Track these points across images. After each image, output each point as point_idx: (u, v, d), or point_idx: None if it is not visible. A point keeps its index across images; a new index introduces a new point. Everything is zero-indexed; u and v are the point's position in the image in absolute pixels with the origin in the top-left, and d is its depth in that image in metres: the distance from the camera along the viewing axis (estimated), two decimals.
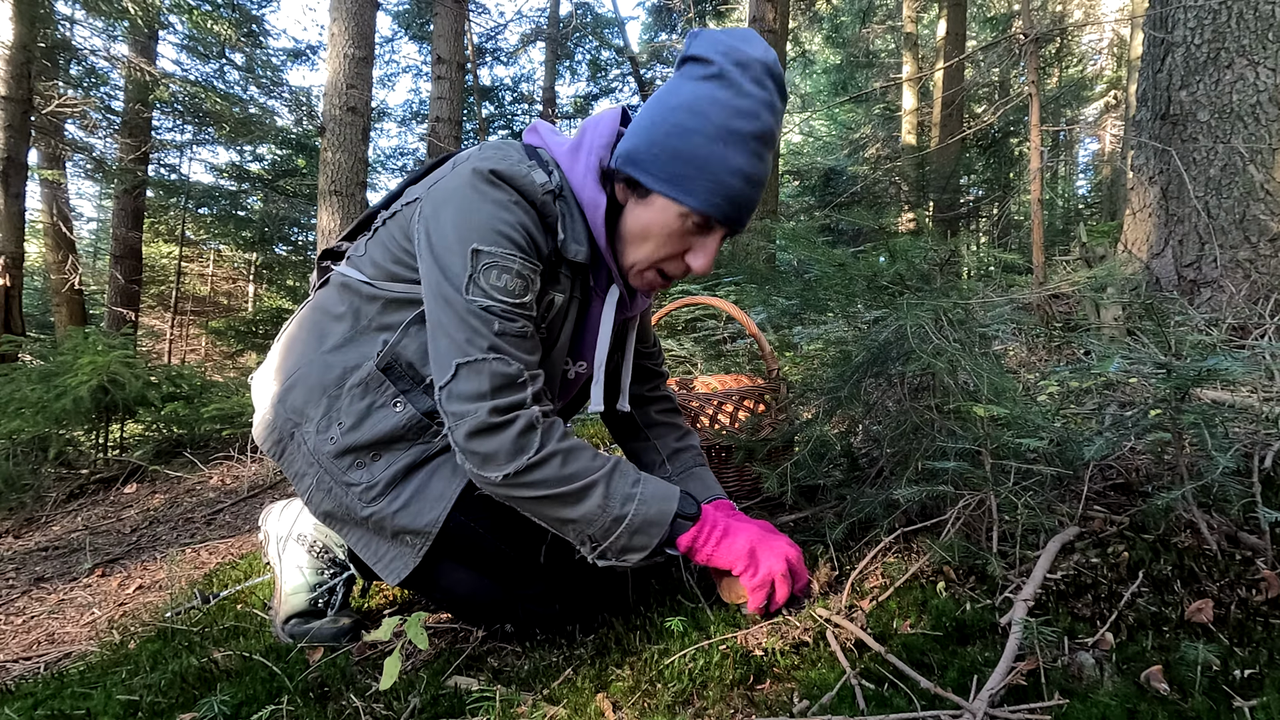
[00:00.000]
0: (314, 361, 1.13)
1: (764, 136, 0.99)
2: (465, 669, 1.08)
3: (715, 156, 0.97)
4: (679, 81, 1.01)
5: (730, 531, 1.06)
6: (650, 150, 0.99)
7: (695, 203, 0.99)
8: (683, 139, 0.97)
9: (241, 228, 11.03)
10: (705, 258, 1.05)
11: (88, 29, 8.12)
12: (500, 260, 0.97)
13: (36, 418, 3.15)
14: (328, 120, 4.58)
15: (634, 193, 1.04)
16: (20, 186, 5.71)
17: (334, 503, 1.08)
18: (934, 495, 1.12)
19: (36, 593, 2.07)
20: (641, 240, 1.05)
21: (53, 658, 1.53)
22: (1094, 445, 1.00)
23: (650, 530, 1.01)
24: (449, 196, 1.01)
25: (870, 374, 1.34)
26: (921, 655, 0.87)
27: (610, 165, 1.04)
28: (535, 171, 1.03)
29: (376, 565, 1.09)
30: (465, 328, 0.97)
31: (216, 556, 2.13)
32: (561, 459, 0.98)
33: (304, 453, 1.10)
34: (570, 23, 12.48)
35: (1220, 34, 2.43)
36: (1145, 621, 0.86)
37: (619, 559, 1.01)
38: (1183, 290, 2.45)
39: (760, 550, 1.04)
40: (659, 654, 0.99)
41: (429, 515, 1.05)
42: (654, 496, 1.02)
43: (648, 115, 1.02)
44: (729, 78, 0.96)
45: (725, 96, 0.96)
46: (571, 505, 0.98)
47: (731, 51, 0.97)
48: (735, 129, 0.97)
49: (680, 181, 0.98)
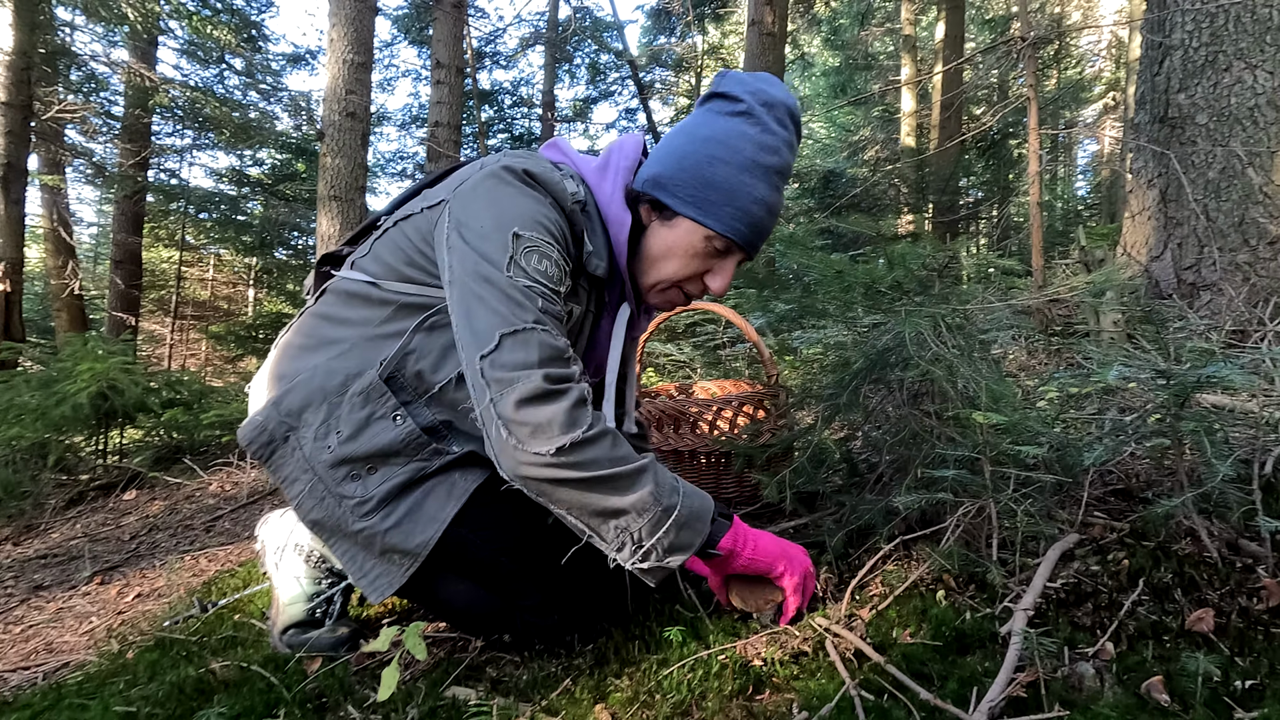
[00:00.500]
0: (316, 367, 1.11)
1: (783, 170, 1.08)
2: (464, 679, 1.07)
3: (741, 186, 1.04)
4: (708, 115, 1.08)
5: (758, 533, 1.06)
6: (680, 176, 1.05)
7: (720, 227, 1.05)
8: (712, 167, 1.04)
9: (241, 232, 11.05)
10: (723, 279, 1.11)
11: (88, 34, 8.15)
12: (540, 245, 0.99)
13: (36, 424, 3.15)
14: (327, 125, 4.59)
15: (659, 215, 1.09)
16: (20, 192, 5.72)
17: (324, 512, 1.07)
18: (933, 502, 1.12)
19: (35, 601, 2.07)
20: (665, 260, 1.10)
21: (51, 667, 1.53)
22: (1094, 451, 1.00)
23: (696, 525, 0.97)
24: (483, 192, 1.02)
25: (869, 380, 1.33)
26: (921, 665, 0.87)
27: (636, 188, 1.09)
28: (566, 180, 1.06)
29: (360, 581, 1.07)
30: (509, 301, 0.94)
31: (216, 564, 2.13)
32: (613, 439, 0.93)
33: (298, 458, 1.09)
34: (569, 26, 12.50)
35: (1218, 37, 2.43)
36: (1146, 631, 0.86)
37: (664, 559, 0.94)
38: (1182, 293, 2.45)
39: (789, 549, 1.06)
40: (658, 664, 0.99)
41: (420, 537, 1.04)
42: (692, 491, 1.00)
43: (676, 144, 1.08)
44: (756, 116, 1.05)
45: (753, 133, 1.05)
46: (623, 491, 0.91)
47: (759, 93, 1.06)
48: (760, 162, 1.05)
49: (707, 206, 1.05)
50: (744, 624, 1.06)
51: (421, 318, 1.07)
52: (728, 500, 1.70)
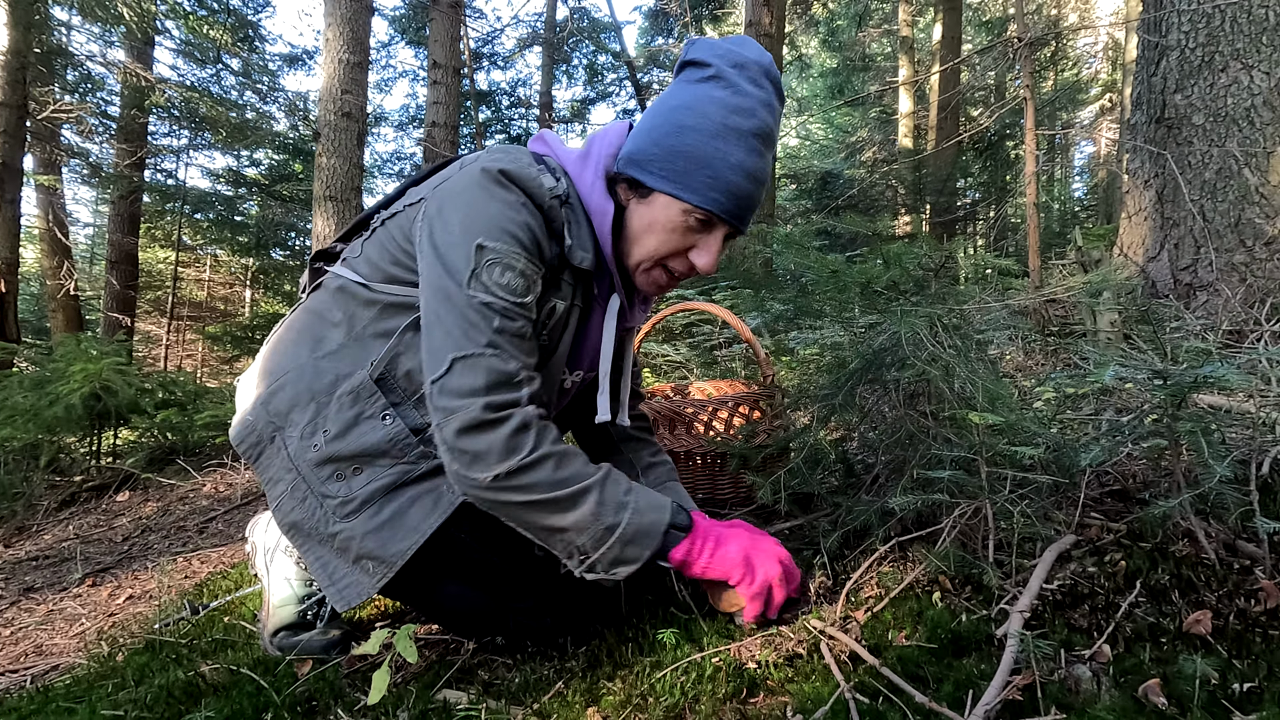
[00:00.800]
0: (305, 366, 1.10)
1: (762, 134, 1.01)
2: (455, 682, 1.06)
3: (715, 152, 0.99)
4: (678, 85, 1.04)
5: (722, 540, 1.04)
6: (651, 150, 1.02)
7: (696, 199, 1.00)
8: (681, 136, 0.99)
9: (238, 233, 11.03)
10: (709, 256, 1.06)
11: (84, 34, 8.12)
12: (504, 257, 0.97)
13: (28, 425, 3.13)
14: (323, 126, 4.57)
15: (636, 193, 1.05)
16: (15, 192, 5.70)
17: (305, 513, 1.05)
18: (929, 504, 1.11)
19: (25, 603, 2.05)
20: (645, 237, 1.06)
21: (39, 670, 1.51)
22: (1090, 452, 0.99)
23: (643, 541, 0.98)
24: (456, 194, 1.01)
25: (865, 381, 1.33)
26: (917, 668, 0.86)
27: (614, 170, 1.06)
28: (544, 175, 1.03)
29: (329, 588, 1.04)
30: (463, 322, 0.95)
31: (208, 566, 2.11)
32: (555, 462, 0.95)
33: (283, 458, 1.08)
34: (567, 27, 12.49)
35: (1214, 38, 2.43)
36: (1143, 633, 0.85)
37: (608, 572, 0.98)
38: (1179, 294, 2.45)
39: (754, 556, 1.03)
40: (651, 667, 0.98)
41: (398, 545, 1.01)
42: (647, 506, 1.00)
43: (648, 119, 1.05)
44: (726, 78, 0.99)
45: (723, 95, 0.99)
46: (563, 512, 0.95)
47: (728, 54, 1.00)
48: (733, 125, 0.99)
49: (680, 178, 1.00)
50: (738, 626, 1.05)
51: (411, 318, 1.06)
52: (723, 501, 1.69)
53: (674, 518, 1.02)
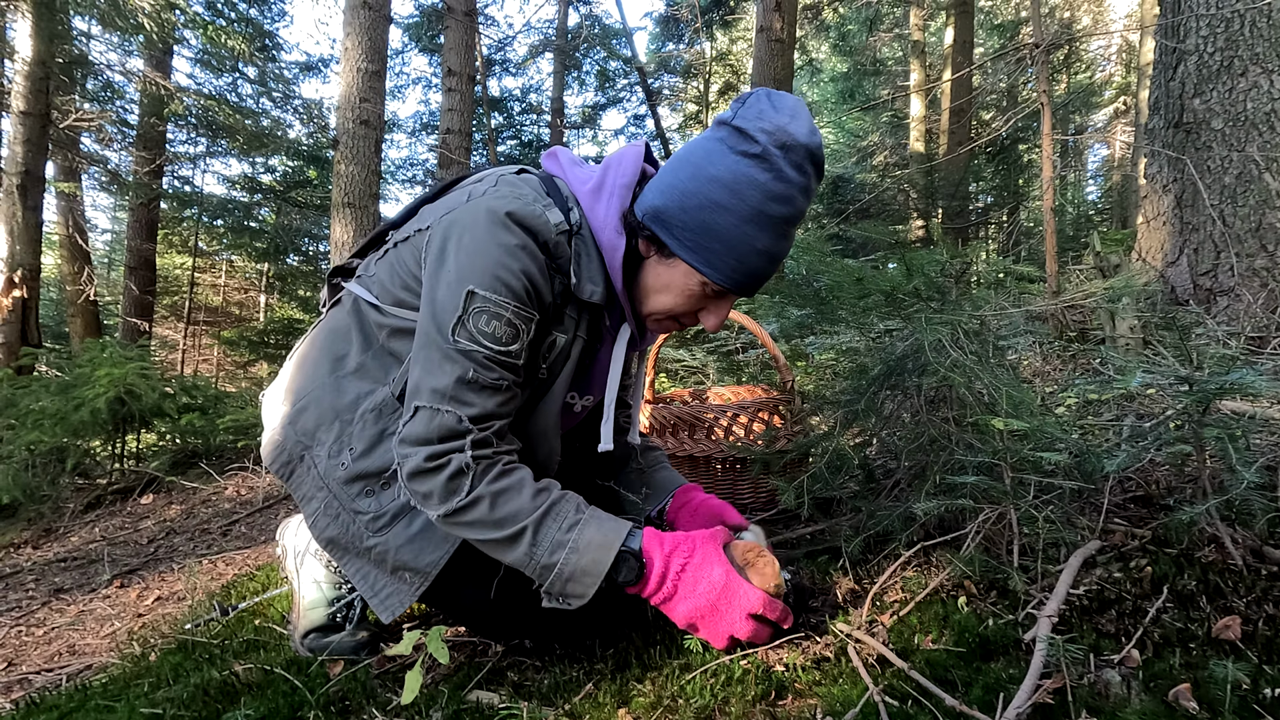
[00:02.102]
0: (327, 385, 1.14)
1: (793, 218, 1.01)
2: (486, 683, 1.08)
3: (744, 237, 0.99)
4: (718, 148, 0.99)
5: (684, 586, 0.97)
6: (681, 216, 1.00)
7: (718, 277, 1.02)
8: (714, 214, 0.98)
9: (254, 239, 11.15)
10: (717, 319, 1.10)
11: (104, 44, 8.25)
12: (493, 306, 0.98)
13: (55, 429, 3.18)
14: (341, 133, 4.63)
15: (658, 251, 1.05)
16: (38, 199, 5.79)
17: (340, 529, 1.09)
18: (953, 509, 1.12)
19: (56, 604, 2.09)
20: (661, 295, 1.08)
21: (74, 669, 1.55)
22: (1116, 458, 1.00)
23: (584, 579, 0.97)
24: (458, 232, 1.01)
25: (886, 386, 1.34)
26: (945, 671, 0.87)
27: (636, 216, 1.05)
28: (550, 211, 1.03)
29: (372, 599, 1.08)
30: (438, 371, 0.98)
31: (233, 568, 2.14)
32: (490, 502, 0.97)
33: (313, 476, 1.12)
34: (578, 34, 12.57)
35: (1234, 42, 2.42)
36: (1171, 638, 0.86)
37: (561, 602, 0.99)
38: (1199, 299, 2.44)
39: (721, 605, 0.96)
40: (679, 669, 0.99)
41: (431, 555, 1.05)
42: (588, 545, 0.97)
43: (681, 176, 1.01)
44: (771, 160, 0.96)
45: (764, 180, 0.96)
46: (504, 549, 0.99)
47: (777, 133, 0.96)
48: (768, 213, 0.98)
49: (706, 254, 1.00)
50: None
51: None
52: (743, 506, 1.70)
53: (626, 551, 0.97)
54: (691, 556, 0.99)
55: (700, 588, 0.97)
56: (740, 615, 0.96)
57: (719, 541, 1.02)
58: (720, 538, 1.03)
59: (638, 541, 0.99)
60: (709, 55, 13.84)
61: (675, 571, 0.98)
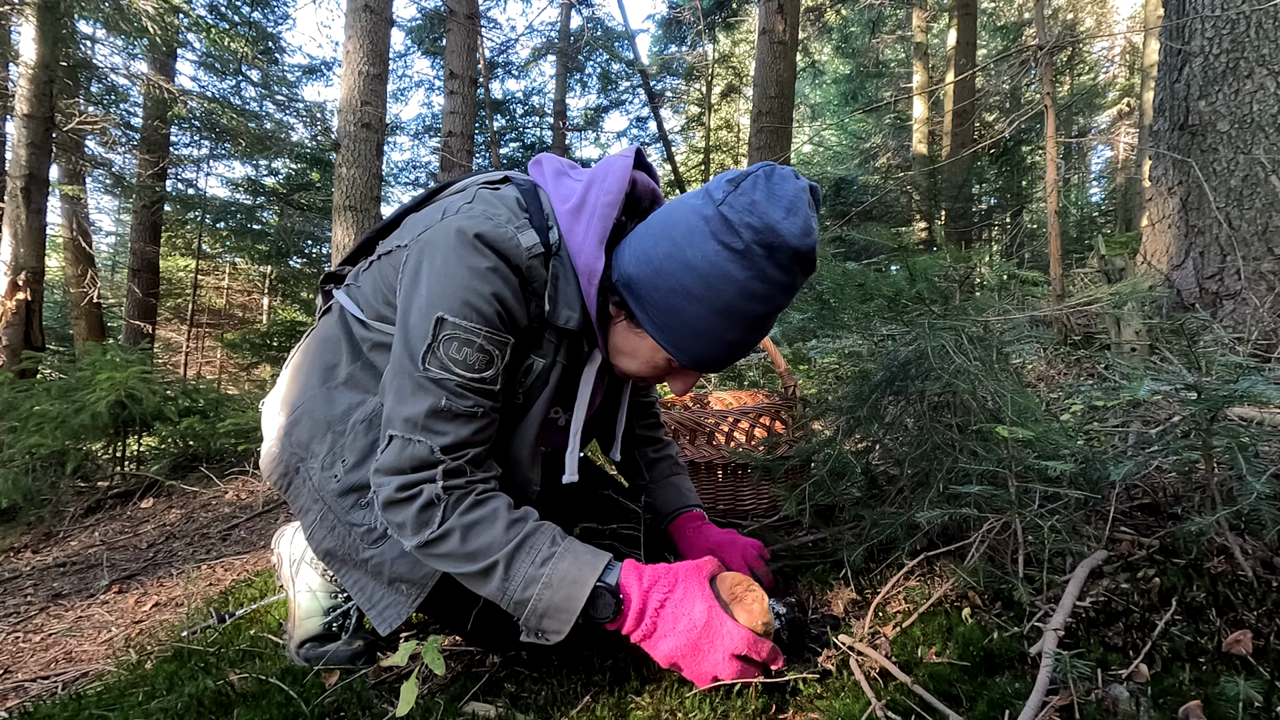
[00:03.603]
0: (318, 396, 1.14)
1: (768, 315, 0.97)
2: (482, 694, 1.06)
3: (713, 329, 0.95)
4: (700, 231, 0.92)
5: (665, 618, 0.93)
6: (652, 294, 0.96)
7: (683, 359, 0.99)
8: (686, 302, 0.94)
9: (257, 241, 11.16)
10: (684, 386, 1.09)
11: (108, 48, 8.27)
12: (464, 333, 0.95)
13: (55, 432, 3.18)
14: (343, 136, 4.63)
15: (628, 319, 1.02)
16: (42, 202, 5.80)
17: (336, 541, 1.09)
18: (957, 517, 1.10)
19: (54, 609, 2.08)
20: (625, 359, 1.06)
21: (70, 677, 1.54)
22: (1124, 467, 0.98)
23: (559, 615, 0.92)
24: (429, 255, 0.98)
25: (889, 392, 1.32)
26: (949, 685, 0.85)
27: (612, 278, 1.00)
28: (523, 234, 0.98)
29: (370, 611, 1.07)
30: (410, 400, 0.96)
31: (232, 573, 2.13)
32: (461, 534, 0.94)
33: (309, 488, 1.11)
34: (581, 36, 12.58)
35: (1239, 43, 2.41)
36: (1180, 652, 0.84)
37: (539, 638, 0.95)
38: (1204, 303, 2.41)
39: (703, 646, 0.91)
40: (678, 682, 0.97)
41: (426, 568, 1.04)
42: (562, 580, 0.92)
43: (659, 251, 0.95)
44: (752, 259, 0.90)
45: (741, 278, 0.91)
46: (477, 582, 0.96)
47: (765, 232, 0.89)
48: (741, 310, 0.93)
49: (673, 336, 0.97)
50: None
51: None
52: (744, 513, 1.69)
53: (601, 586, 0.93)
54: (671, 592, 0.94)
55: (680, 625, 0.91)
56: (723, 655, 0.90)
57: (704, 575, 0.97)
58: (706, 570, 0.98)
59: (614, 576, 0.94)
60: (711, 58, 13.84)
61: (654, 608, 0.93)
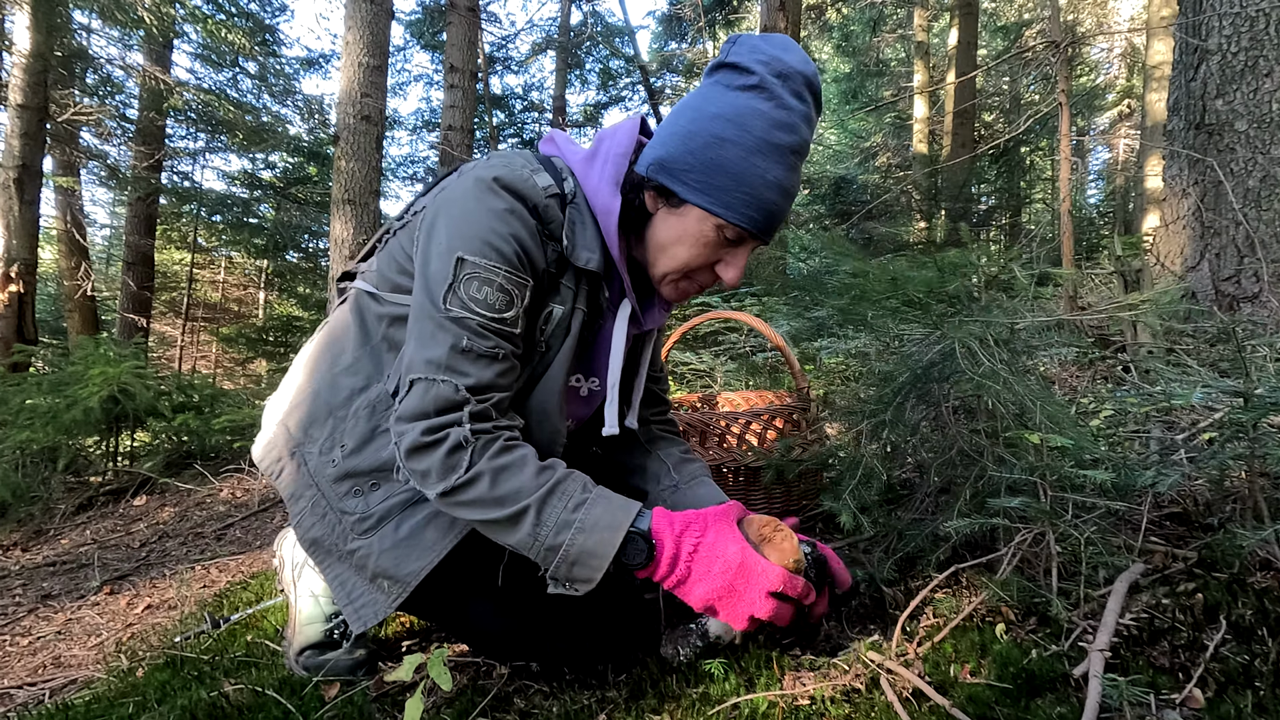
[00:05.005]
0: (323, 381, 1.11)
1: (800, 149, 0.97)
2: (491, 710, 1.01)
3: (753, 169, 0.95)
4: (715, 89, 0.97)
5: (700, 565, 0.92)
6: (686, 159, 0.96)
7: (732, 216, 0.97)
8: (721, 150, 0.94)
9: (253, 235, 11.09)
10: (735, 270, 1.03)
11: (104, 38, 8.18)
12: (484, 271, 0.94)
13: (47, 428, 3.12)
14: (342, 129, 4.56)
15: (667, 202, 1.00)
16: (35, 194, 5.72)
17: (325, 529, 1.05)
18: (986, 528, 1.06)
19: (43, 611, 2.03)
20: (674, 248, 1.02)
21: (58, 684, 1.48)
22: (1169, 478, 0.93)
23: (591, 562, 0.91)
24: (448, 204, 0.99)
25: (914, 395, 1.27)
26: (988, 709, 0.80)
27: (640, 173, 1.01)
28: (538, 175, 1.00)
29: (346, 608, 1.02)
30: (431, 342, 0.94)
31: (227, 574, 2.08)
32: (491, 478, 0.92)
33: (304, 474, 1.08)
34: (581, 32, 12.50)
35: (1258, 41, 2.36)
36: (1234, 675, 0.79)
37: (568, 588, 0.94)
38: (1221, 305, 2.38)
39: (739, 584, 0.90)
40: (698, 699, 0.93)
41: (412, 565, 0.99)
42: (595, 525, 0.91)
43: (682, 122, 0.98)
44: (770, 89, 0.94)
45: (766, 109, 0.94)
46: (506, 530, 0.93)
47: (773, 62, 0.94)
48: (774, 142, 0.95)
49: (717, 193, 0.96)
50: (785, 654, 1.00)
51: None
52: None
53: (635, 532, 0.92)
54: (704, 536, 0.94)
55: (715, 568, 0.91)
56: (760, 594, 0.89)
57: (732, 518, 0.97)
58: (733, 513, 0.98)
59: (646, 522, 0.94)
60: (712, 55, 13.78)
61: (687, 553, 0.93)
